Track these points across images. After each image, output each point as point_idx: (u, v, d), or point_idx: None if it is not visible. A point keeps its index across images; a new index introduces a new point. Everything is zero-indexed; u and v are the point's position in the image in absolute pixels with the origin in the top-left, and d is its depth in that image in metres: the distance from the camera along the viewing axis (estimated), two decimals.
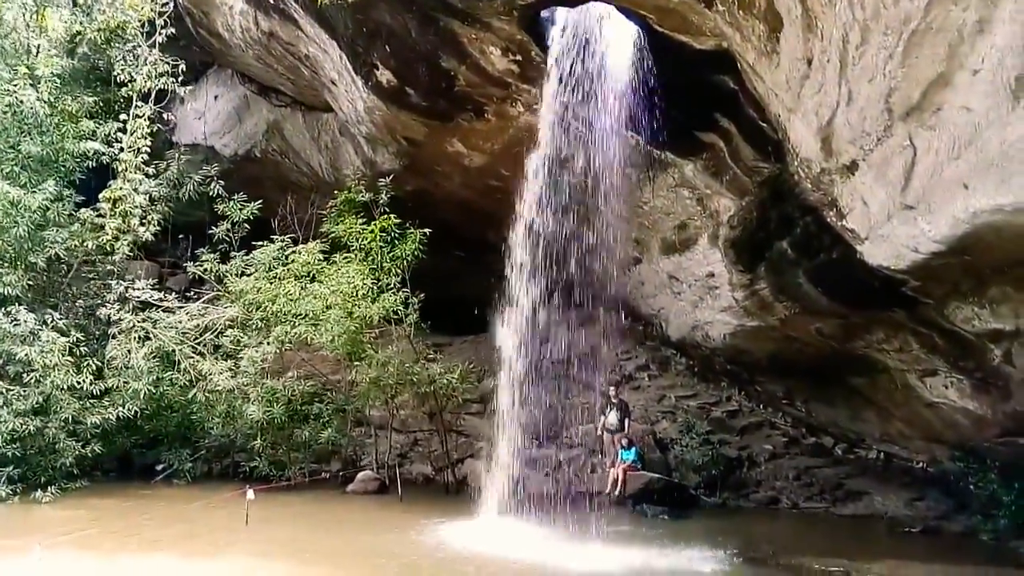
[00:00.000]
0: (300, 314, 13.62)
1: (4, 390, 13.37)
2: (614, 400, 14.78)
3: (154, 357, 14.63)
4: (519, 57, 11.60)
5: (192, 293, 15.80)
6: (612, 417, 14.61)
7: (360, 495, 14.47)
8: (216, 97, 22.02)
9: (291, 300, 13.32)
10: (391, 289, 13.56)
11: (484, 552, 9.96)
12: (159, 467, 15.40)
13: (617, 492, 13.63)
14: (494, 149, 14.56)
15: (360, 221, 14.61)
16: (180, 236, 20.73)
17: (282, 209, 17.91)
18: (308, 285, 13.71)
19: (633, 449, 13.87)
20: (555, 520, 11.90)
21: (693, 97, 10.60)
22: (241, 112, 21.26)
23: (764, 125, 9.62)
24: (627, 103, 10.81)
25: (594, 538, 10.78)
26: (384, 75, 13.38)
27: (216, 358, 14.74)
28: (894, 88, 6.40)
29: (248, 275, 14.42)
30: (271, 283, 13.85)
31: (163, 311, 14.45)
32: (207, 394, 14.58)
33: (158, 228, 16.33)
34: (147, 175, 16.02)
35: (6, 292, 14.03)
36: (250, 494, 11.41)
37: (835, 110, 7.38)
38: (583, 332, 19.05)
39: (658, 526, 12.13)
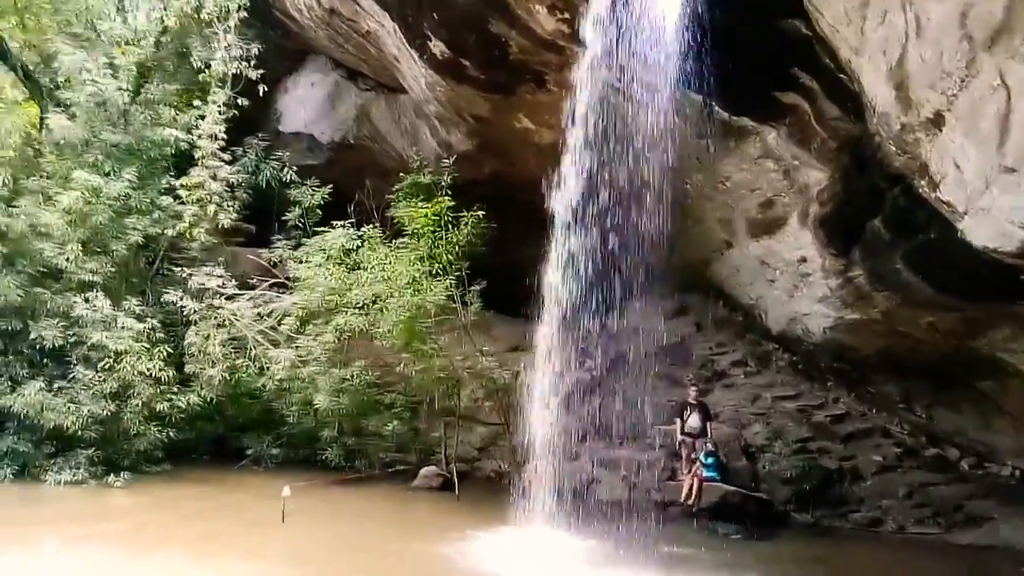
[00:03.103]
0: (354, 303, 13.08)
1: (81, 375, 13.71)
2: (693, 401, 13.24)
3: (230, 344, 14.66)
4: (567, 15, 10.39)
5: (255, 280, 15.55)
6: (693, 420, 13.09)
7: (423, 491, 13.87)
8: (312, 84, 22.04)
9: (334, 290, 12.77)
10: (441, 277, 12.71)
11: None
12: (248, 452, 15.45)
13: (691, 504, 12.17)
14: (562, 124, 13.38)
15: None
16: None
17: (360, 194, 17.60)
18: (352, 273, 13.12)
19: (711, 458, 12.33)
20: (612, 534, 10.65)
21: (765, 50, 8.97)
22: (334, 99, 21.14)
23: (842, 76, 7.90)
24: (686, 61, 9.29)
25: (646, 561, 9.45)
26: (437, 46, 12.55)
27: (288, 346, 14.58)
28: (970, 4, 4.73)
29: (307, 263, 14.04)
30: (326, 271, 13.36)
31: (226, 299, 14.31)
32: (277, 382, 14.43)
33: (237, 215, 16.33)
34: (225, 161, 16.04)
35: (88, 279, 14.40)
36: (286, 491, 10.97)
37: (904, 45, 5.71)
38: (674, 323, 17.54)
39: (727, 548, 10.54)
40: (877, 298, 10.15)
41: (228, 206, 15.88)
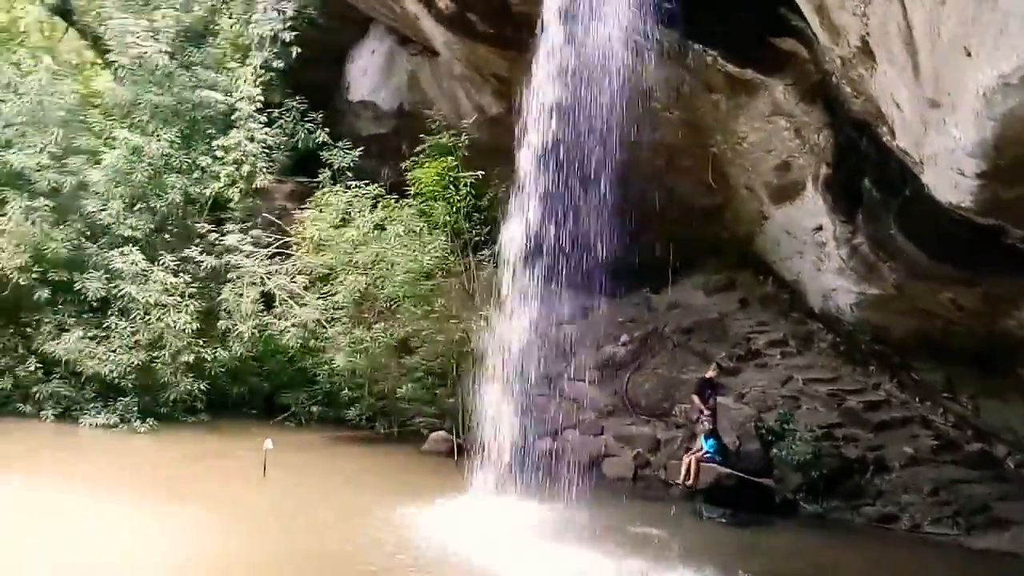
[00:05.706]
0: (359, 263, 13.04)
1: (114, 325, 14.38)
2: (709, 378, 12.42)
3: (261, 302, 14.99)
4: None
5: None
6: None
7: (432, 455, 13.81)
8: (372, 52, 22.13)
9: (334, 250, 12.72)
10: (440, 238, 12.44)
11: (438, 545, 8.53)
12: (292, 409, 15.85)
13: (689, 484, 11.46)
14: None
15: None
16: None
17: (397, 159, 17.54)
18: (350, 232, 13.04)
19: (712, 439, 11.54)
20: (592, 508, 10.09)
21: None
22: (390, 66, 21.12)
23: None
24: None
25: (605, 538, 8.87)
26: (442, 0, 12.18)
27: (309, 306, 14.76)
28: None
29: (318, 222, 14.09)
30: (330, 231, 13.38)
31: (245, 257, 14.57)
32: (300, 340, 14.65)
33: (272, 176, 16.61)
34: (264, 124, 16.32)
35: (128, 234, 15.05)
36: (268, 444, 11.10)
37: None
38: (717, 299, 16.56)
39: (703, 532, 9.80)
40: (882, 269, 9.06)
41: (263, 168, 16.17)
